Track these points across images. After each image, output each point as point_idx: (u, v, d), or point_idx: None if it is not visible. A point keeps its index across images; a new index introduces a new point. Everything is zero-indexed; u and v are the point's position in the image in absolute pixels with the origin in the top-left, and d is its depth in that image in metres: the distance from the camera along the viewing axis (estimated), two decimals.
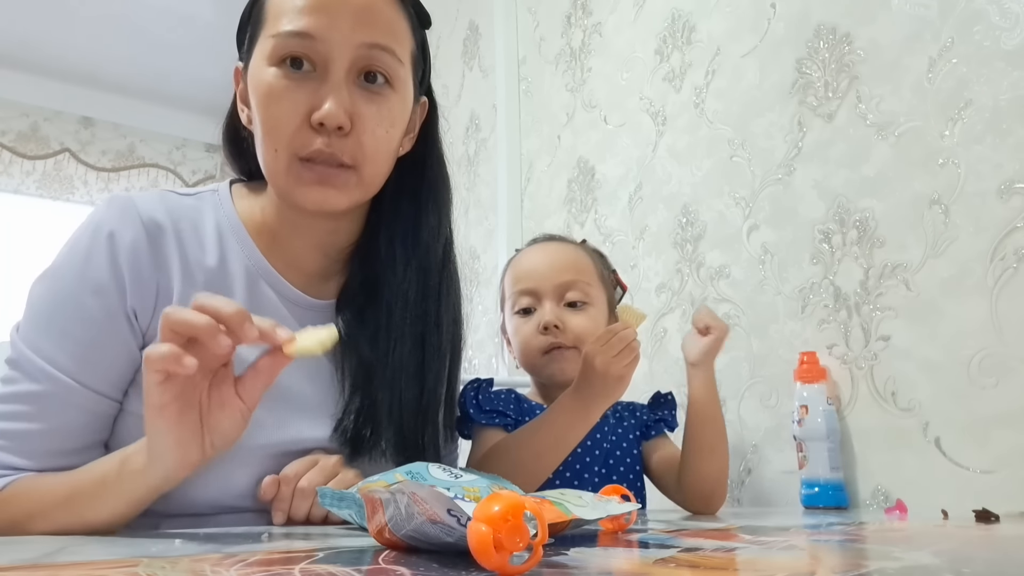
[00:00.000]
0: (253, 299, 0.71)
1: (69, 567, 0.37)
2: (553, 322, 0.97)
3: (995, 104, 0.94)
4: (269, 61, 0.66)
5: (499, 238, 1.98)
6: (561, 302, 0.99)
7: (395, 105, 0.70)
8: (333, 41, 0.65)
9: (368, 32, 0.66)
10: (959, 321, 0.95)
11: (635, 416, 1.04)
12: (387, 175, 0.73)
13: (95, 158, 3.66)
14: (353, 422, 0.71)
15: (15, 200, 3.44)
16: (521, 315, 1.02)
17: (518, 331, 1.02)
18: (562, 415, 0.83)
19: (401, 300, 0.75)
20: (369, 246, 0.77)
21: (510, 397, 0.98)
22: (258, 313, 0.58)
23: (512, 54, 2.05)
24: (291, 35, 0.65)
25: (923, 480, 0.97)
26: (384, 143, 0.69)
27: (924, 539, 0.52)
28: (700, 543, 0.47)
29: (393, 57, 0.68)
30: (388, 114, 0.68)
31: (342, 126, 0.65)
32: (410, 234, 0.77)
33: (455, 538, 0.36)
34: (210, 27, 3.05)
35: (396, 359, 0.73)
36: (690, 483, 0.94)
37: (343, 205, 0.69)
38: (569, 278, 1.00)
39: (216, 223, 0.72)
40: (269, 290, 0.73)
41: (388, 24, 0.68)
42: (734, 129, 1.33)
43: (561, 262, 1.02)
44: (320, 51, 0.65)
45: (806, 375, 1.07)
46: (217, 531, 0.59)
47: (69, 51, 3.32)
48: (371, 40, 0.66)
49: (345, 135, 0.66)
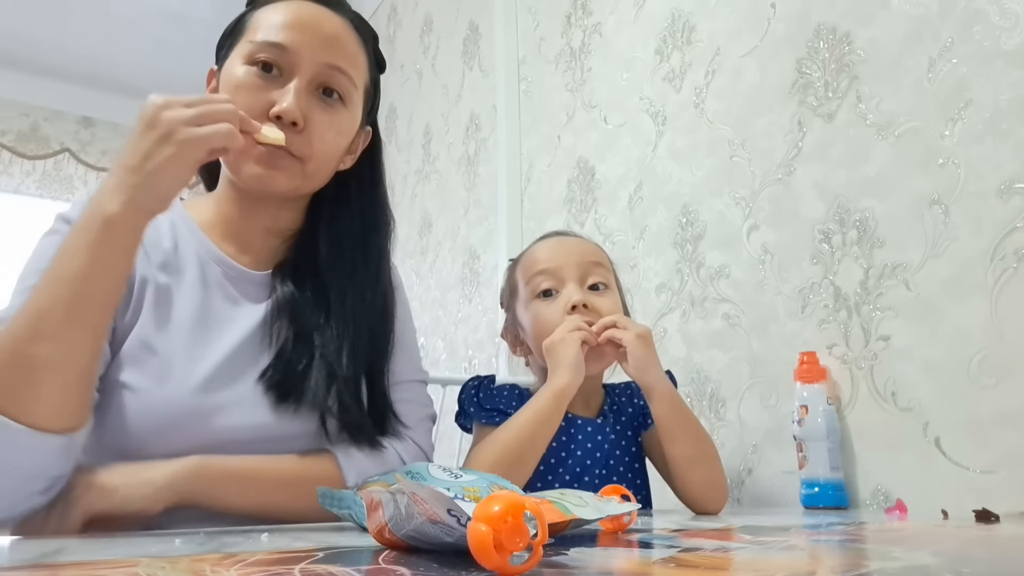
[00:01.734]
0: (203, 275, 0.79)
1: (69, 567, 0.37)
2: (581, 301, 0.95)
3: (995, 104, 0.94)
4: (244, 60, 0.76)
5: (499, 238, 1.97)
6: (584, 285, 0.97)
7: (344, 119, 0.80)
8: (302, 55, 0.76)
9: (333, 55, 0.78)
10: (959, 321, 0.95)
11: (633, 403, 1.04)
12: (327, 177, 0.82)
13: (95, 158, 3.66)
14: (282, 368, 0.75)
15: (15, 200, 3.44)
16: (542, 298, 0.98)
17: (538, 316, 0.97)
18: (536, 395, 0.89)
19: (344, 277, 0.83)
20: (308, 242, 0.85)
21: (513, 393, 0.97)
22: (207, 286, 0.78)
23: (512, 54, 2.05)
24: (268, 44, 0.76)
25: (923, 480, 0.97)
26: (331, 146, 0.79)
27: (924, 539, 0.52)
28: (700, 543, 0.47)
29: (349, 81, 0.80)
30: (337, 124, 0.79)
31: (296, 122, 0.74)
32: (357, 238, 0.85)
33: (455, 538, 0.36)
34: (210, 27, 3.05)
35: (333, 319, 0.80)
36: (681, 492, 0.95)
37: (283, 187, 0.77)
38: (592, 259, 0.99)
39: (169, 218, 0.81)
40: (216, 268, 0.80)
41: (350, 54, 0.80)
42: (734, 129, 1.33)
43: (580, 247, 1.02)
44: (290, 61, 0.76)
45: (806, 375, 1.07)
46: (217, 531, 0.59)
47: (69, 51, 3.32)
48: (333, 62, 0.78)
49: (298, 132, 0.75)
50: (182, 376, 0.71)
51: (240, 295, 0.80)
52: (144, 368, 0.71)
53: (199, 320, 0.76)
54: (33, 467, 0.60)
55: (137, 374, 0.70)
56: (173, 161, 0.62)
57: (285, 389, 0.74)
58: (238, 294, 0.80)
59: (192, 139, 0.62)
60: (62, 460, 0.62)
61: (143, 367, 0.71)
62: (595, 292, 0.98)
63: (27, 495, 0.61)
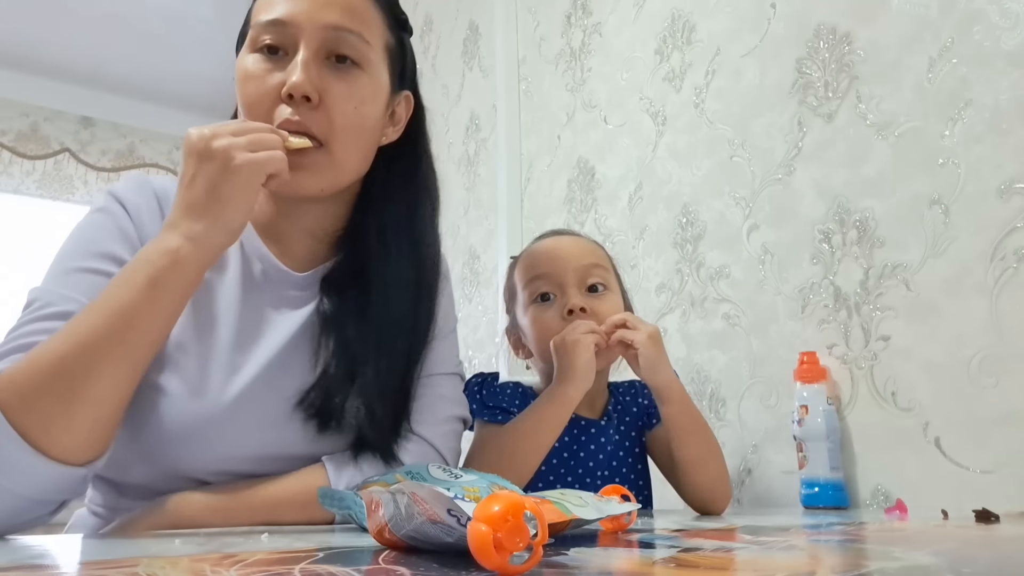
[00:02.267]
0: (244, 272, 0.75)
1: (69, 567, 0.37)
2: (579, 304, 0.93)
3: (995, 104, 0.94)
4: (249, 49, 0.72)
5: (499, 238, 1.97)
6: (583, 288, 0.96)
7: (364, 84, 0.72)
8: (300, 24, 0.69)
9: (332, 15, 0.70)
10: (959, 321, 0.95)
11: (637, 402, 1.03)
12: (364, 157, 0.75)
13: (95, 158, 3.66)
14: (323, 394, 0.71)
15: (15, 200, 3.44)
16: (539, 303, 0.97)
17: (536, 320, 0.97)
18: (543, 398, 0.88)
19: (392, 286, 0.76)
20: (359, 232, 0.79)
21: (516, 391, 0.97)
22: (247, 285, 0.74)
23: (512, 54, 2.05)
24: (267, 23, 0.70)
25: (923, 480, 0.97)
26: (353, 119, 0.71)
27: (924, 539, 0.52)
28: (700, 543, 0.47)
29: (360, 39, 0.72)
30: (357, 92, 0.71)
31: (308, 96, 0.68)
32: (403, 226, 0.79)
33: (455, 538, 0.36)
34: (210, 26, 3.05)
35: (377, 339, 0.74)
36: (686, 493, 0.94)
37: (315, 188, 0.71)
38: (589, 261, 0.98)
39: None
40: (258, 265, 0.76)
41: (353, 10, 0.72)
42: (734, 129, 1.33)
43: (579, 247, 1.00)
44: (290, 35, 0.70)
45: (806, 375, 1.07)
46: (217, 531, 0.59)
47: (69, 51, 3.32)
48: (335, 22, 0.70)
49: (314, 108, 0.69)
50: (217, 387, 0.68)
51: (280, 299, 0.76)
52: (179, 372, 0.68)
53: (238, 324, 0.72)
54: (43, 492, 0.56)
55: (171, 378, 0.67)
56: (240, 190, 0.60)
57: (326, 417, 0.70)
58: (279, 297, 0.76)
59: (253, 164, 0.60)
60: (76, 487, 0.59)
61: (178, 371, 0.68)
62: (594, 294, 0.97)
63: (33, 516, 0.58)
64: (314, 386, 0.71)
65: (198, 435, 0.66)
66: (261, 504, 0.67)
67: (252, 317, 0.73)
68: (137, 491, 0.69)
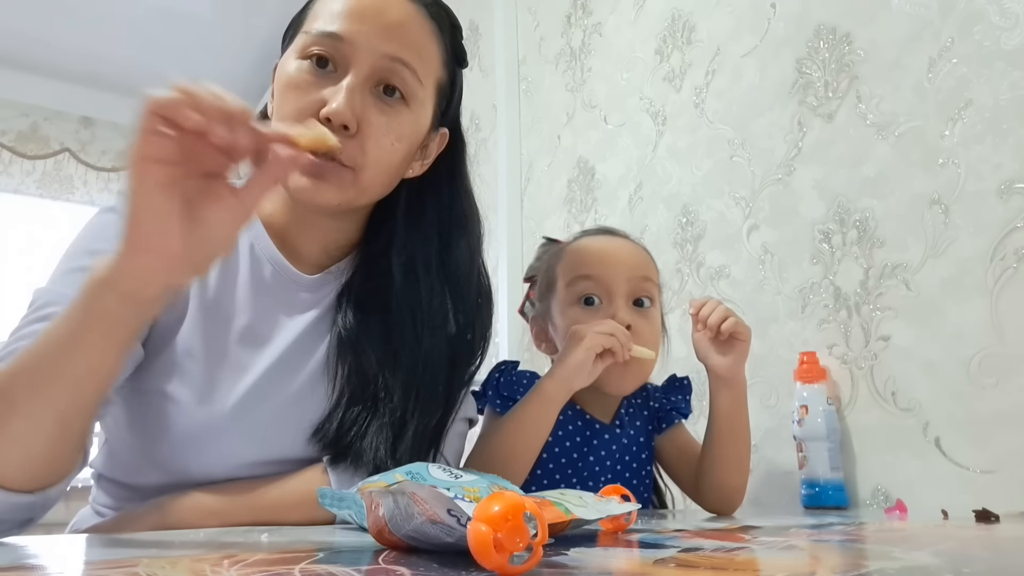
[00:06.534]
0: (254, 274, 0.74)
1: (69, 567, 0.37)
2: (627, 322, 0.89)
3: (995, 104, 0.94)
4: (297, 55, 0.69)
5: (499, 238, 1.97)
6: (631, 299, 0.93)
7: (406, 121, 0.71)
8: (359, 46, 0.67)
9: (393, 45, 0.68)
10: (959, 321, 0.95)
11: (648, 406, 1.01)
12: (387, 186, 0.73)
13: (95, 158, 3.66)
14: (337, 425, 0.69)
15: (15, 200, 3.44)
16: (582, 305, 0.92)
17: (577, 323, 0.89)
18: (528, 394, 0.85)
19: (423, 324, 0.74)
20: (375, 260, 0.77)
21: (533, 381, 0.95)
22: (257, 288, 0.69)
23: (512, 54, 2.05)
24: (323, 35, 0.67)
25: (923, 480, 0.97)
26: (387, 154, 0.69)
27: (924, 539, 0.52)
28: (700, 543, 0.47)
29: (413, 75, 0.70)
30: (397, 127, 0.69)
31: (347, 125, 0.65)
32: (434, 260, 0.77)
33: (455, 538, 0.36)
34: (210, 26, 3.05)
35: (401, 376, 0.72)
36: (709, 491, 0.93)
37: (334, 201, 0.68)
38: (643, 274, 0.94)
39: None
40: (268, 267, 0.74)
41: (415, 44, 0.70)
42: (734, 129, 1.33)
43: (634, 256, 0.96)
44: (345, 54, 0.67)
45: (806, 375, 1.07)
46: (217, 531, 0.59)
47: (69, 51, 3.32)
48: (394, 53, 0.68)
49: (350, 136, 0.66)
50: (225, 391, 0.67)
51: (290, 301, 0.74)
52: (187, 379, 0.67)
53: (247, 326, 0.71)
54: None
55: (179, 386, 0.66)
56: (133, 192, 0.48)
57: (341, 450, 0.68)
58: (288, 299, 0.74)
59: (135, 157, 0.48)
60: (32, 511, 0.54)
61: (186, 378, 0.67)
62: (639, 308, 0.93)
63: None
64: (329, 416, 0.69)
65: (207, 441, 0.66)
66: (261, 504, 0.67)
67: (261, 319, 0.72)
68: (147, 493, 0.69)
